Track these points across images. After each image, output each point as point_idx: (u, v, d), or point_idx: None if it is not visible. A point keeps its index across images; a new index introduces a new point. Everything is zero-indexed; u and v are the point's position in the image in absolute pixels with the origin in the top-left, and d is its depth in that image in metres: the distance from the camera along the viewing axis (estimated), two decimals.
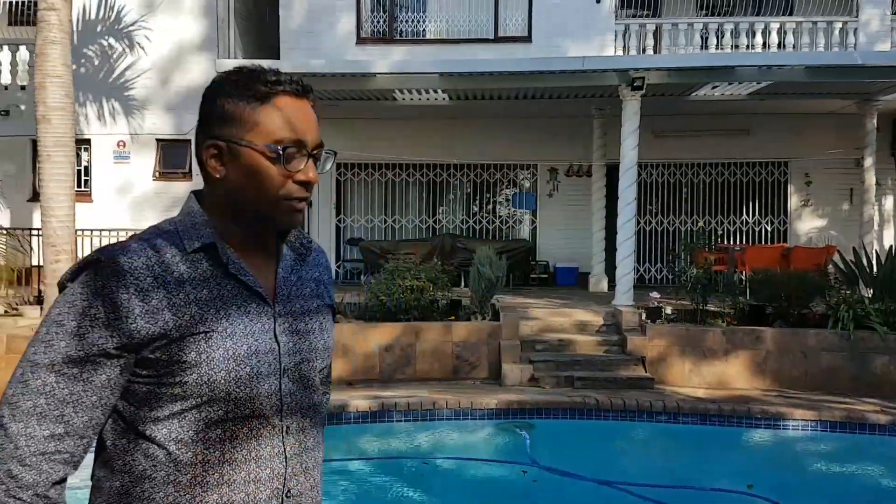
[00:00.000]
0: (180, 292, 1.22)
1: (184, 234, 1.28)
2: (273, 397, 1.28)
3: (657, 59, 10.64)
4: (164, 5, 12.33)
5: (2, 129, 12.17)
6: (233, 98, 1.28)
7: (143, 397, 1.22)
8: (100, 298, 1.18)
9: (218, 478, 1.23)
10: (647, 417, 7.34)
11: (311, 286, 1.42)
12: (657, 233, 13.33)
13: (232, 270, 1.28)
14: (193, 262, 1.26)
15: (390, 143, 12.92)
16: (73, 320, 1.18)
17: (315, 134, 1.31)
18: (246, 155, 1.27)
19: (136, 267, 1.21)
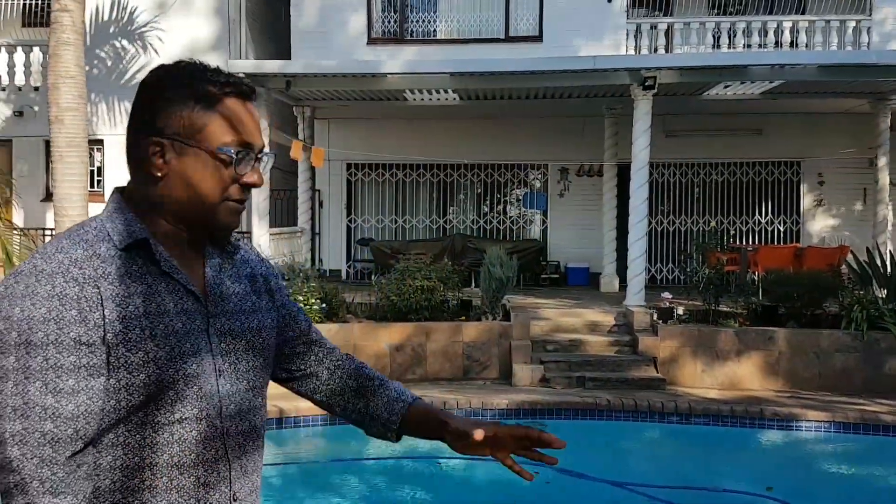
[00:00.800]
0: (121, 284, 1.19)
1: (113, 231, 1.23)
2: (214, 398, 1.26)
3: (669, 59, 10.60)
4: (176, 6, 12.39)
5: (16, 130, 12.26)
6: (179, 96, 1.25)
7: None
8: (54, 300, 1.13)
9: (167, 482, 1.21)
10: (659, 418, 7.32)
11: (244, 284, 1.39)
12: (669, 233, 13.28)
13: (165, 268, 1.24)
14: (126, 259, 1.22)
15: (400, 144, 12.93)
16: (38, 331, 1.12)
17: (260, 136, 1.31)
18: (193, 155, 1.24)
19: (76, 259, 1.17)
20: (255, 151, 1.29)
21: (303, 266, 10.25)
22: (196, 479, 1.23)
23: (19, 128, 12.32)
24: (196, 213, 1.27)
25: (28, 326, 1.12)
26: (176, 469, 1.22)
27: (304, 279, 9.29)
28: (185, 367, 1.22)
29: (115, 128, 12.37)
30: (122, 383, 1.17)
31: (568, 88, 10.44)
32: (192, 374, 1.22)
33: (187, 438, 1.22)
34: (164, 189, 1.26)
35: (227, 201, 1.27)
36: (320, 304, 8.91)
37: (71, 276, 1.15)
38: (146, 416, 1.19)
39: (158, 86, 1.27)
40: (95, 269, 1.18)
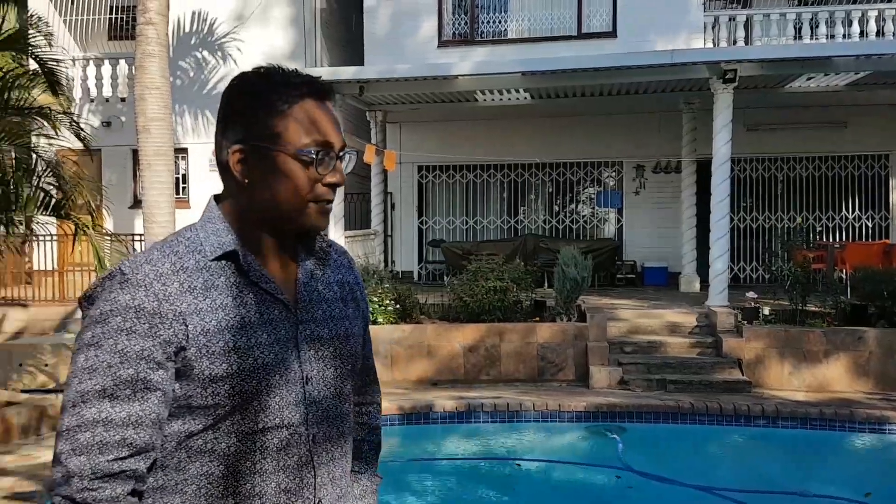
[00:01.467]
0: (206, 298, 1.21)
1: (205, 240, 1.26)
2: (300, 406, 1.27)
3: (749, 51, 10.27)
4: (254, 17, 12.73)
5: (104, 140, 12.80)
6: (258, 101, 1.27)
7: (176, 411, 1.21)
8: (131, 310, 1.16)
9: (249, 489, 1.22)
10: (745, 422, 7.10)
11: (335, 290, 1.40)
12: (751, 230, 12.87)
13: (253, 278, 1.26)
14: (216, 270, 1.24)
15: (471, 145, 12.94)
16: (109, 338, 1.16)
17: (339, 135, 1.31)
18: (275, 159, 1.25)
19: (161, 274, 1.20)
20: (336, 150, 1.29)
21: (376, 268, 10.38)
22: (277, 486, 1.24)
23: (108, 138, 12.86)
24: (283, 216, 1.28)
25: (101, 331, 1.16)
26: (258, 476, 1.23)
27: (378, 281, 9.40)
28: (268, 378, 1.23)
29: (198, 137, 12.79)
30: (208, 393, 1.20)
31: (644, 84, 10.26)
32: (275, 383, 1.24)
33: (270, 446, 1.24)
34: (251, 194, 1.28)
35: (314, 202, 1.28)
36: (394, 305, 9.00)
37: (152, 291, 1.18)
38: (232, 425, 1.22)
39: (238, 93, 1.30)
40: (181, 284, 1.21)
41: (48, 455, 5.73)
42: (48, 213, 6.70)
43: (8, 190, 6.47)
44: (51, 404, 6.73)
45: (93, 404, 1.15)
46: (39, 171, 6.61)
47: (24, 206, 6.38)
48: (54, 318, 10.75)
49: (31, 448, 5.99)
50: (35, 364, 8.51)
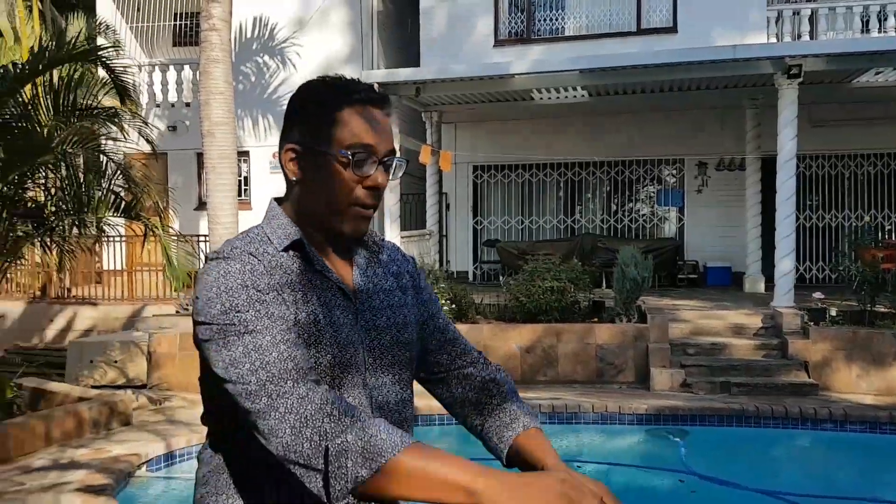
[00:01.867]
0: (284, 284, 1.26)
1: (272, 234, 1.32)
2: (364, 392, 1.31)
3: (815, 45, 9.99)
4: (313, 22, 12.92)
5: (170, 144, 13.17)
6: (313, 106, 1.33)
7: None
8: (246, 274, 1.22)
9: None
10: (812, 425, 6.90)
11: (391, 280, 1.44)
12: (818, 229, 12.49)
13: (317, 267, 1.32)
14: (286, 260, 1.30)
15: (527, 144, 12.88)
16: (240, 296, 1.19)
17: (386, 141, 1.33)
18: (320, 159, 1.31)
19: (251, 252, 1.26)
20: (379, 154, 1.31)
21: (431, 268, 10.41)
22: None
23: (173, 141, 13.23)
24: (326, 216, 1.33)
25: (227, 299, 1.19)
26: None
27: (433, 280, 9.43)
28: (342, 355, 1.28)
29: (259, 140, 13.06)
30: None
31: (706, 80, 10.06)
32: (343, 368, 1.28)
33: None
34: (301, 193, 1.35)
35: (354, 206, 1.31)
36: (450, 304, 9.02)
37: (256, 268, 1.24)
38: None
39: (299, 98, 1.37)
40: (264, 267, 1.26)
41: (119, 449, 5.93)
42: (119, 215, 6.92)
43: (80, 192, 6.70)
44: (120, 400, 6.96)
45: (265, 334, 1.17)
46: (110, 173, 6.83)
47: (95, 207, 6.60)
48: (123, 317, 11.10)
49: (102, 442, 6.20)
50: (105, 361, 8.80)
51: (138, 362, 8.77)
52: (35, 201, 7.12)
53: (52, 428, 6.12)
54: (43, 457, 5.76)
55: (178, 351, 8.46)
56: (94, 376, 8.72)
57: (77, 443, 6.15)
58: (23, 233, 6.56)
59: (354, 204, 1.31)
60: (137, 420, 6.99)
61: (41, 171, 6.43)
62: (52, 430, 6.10)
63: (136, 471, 5.69)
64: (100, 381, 8.65)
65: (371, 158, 1.30)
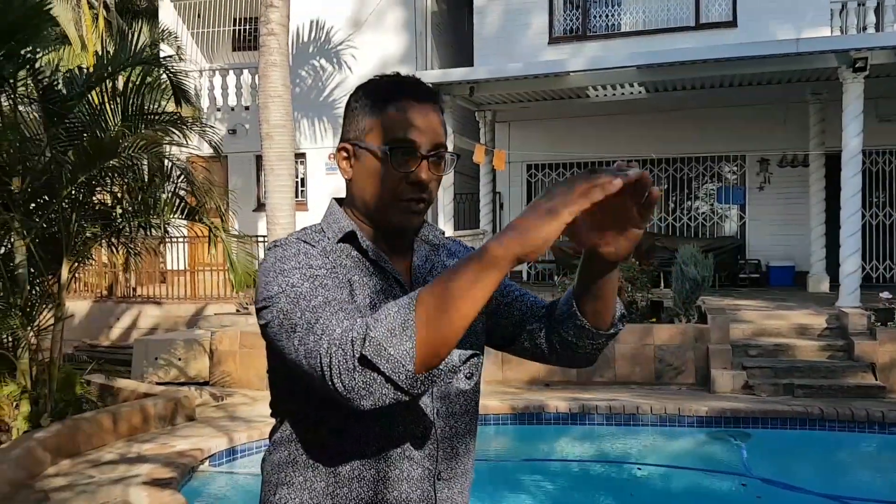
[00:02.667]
0: (339, 268, 1.29)
1: (327, 228, 1.35)
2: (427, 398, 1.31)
3: (881, 38, 9.61)
4: (368, 23, 13.05)
5: (230, 147, 13.47)
6: (361, 104, 1.35)
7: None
8: (302, 256, 1.24)
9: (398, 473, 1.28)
10: (879, 429, 6.67)
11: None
12: (885, 226, 12.05)
13: (372, 256, 1.33)
14: (341, 252, 1.32)
15: (581, 142, 12.77)
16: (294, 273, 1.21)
17: (431, 135, 1.31)
18: (364, 156, 1.32)
19: (306, 247, 1.27)
20: (422, 149, 1.30)
21: None
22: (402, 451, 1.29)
23: (233, 144, 13.53)
24: (374, 212, 1.34)
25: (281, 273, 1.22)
26: (406, 461, 1.29)
27: None
28: None
29: (315, 142, 13.26)
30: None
31: (767, 74, 9.80)
32: None
33: (414, 433, 1.29)
34: (354, 190, 1.37)
35: (400, 201, 1.31)
36: None
37: (310, 251, 1.26)
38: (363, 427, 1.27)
39: (353, 98, 1.39)
40: (319, 258, 1.27)
41: (183, 444, 6.10)
42: (182, 217, 7.12)
43: (145, 195, 6.91)
44: (185, 396, 7.15)
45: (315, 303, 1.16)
46: (174, 177, 7.03)
47: (161, 210, 6.80)
48: (185, 315, 11.40)
49: (167, 437, 6.38)
50: (168, 358, 9.05)
51: (200, 360, 9.00)
52: (103, 204, 7.37)
53: (120, 423, 6.33)
54: (111, 450, 5.95)
55: (238, 348, 8.65)
56: (158, 373, 8.98)
57: (143, 437, 6.34)
58: (91, 234, 6.79)
59: (400, 199, 1.31)
60: (200, 416, 7.18)
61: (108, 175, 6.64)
62: (119, 424, 6.31)
63: (199, 465, 5.83)
64: (164, 378, 8.91)
65: (413, 153, 1.30)
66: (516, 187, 13.64)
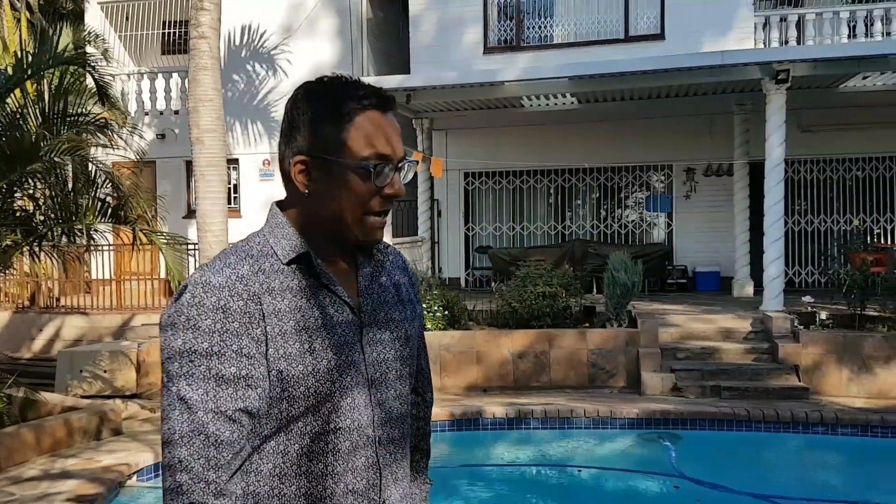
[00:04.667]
0: (284, 299, 1.23)
1: (276, 245, 1.27)
2: (368, 409, 1.28)
3: (803, 51, 10.07)
4: (302, 29, 12.93)
5: (159, 152, 13.13)
6: (321, 112, 1.27)
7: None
8: (219, 312, 1.18)
9: (321, 490, 1.24)
10: (803, 429, 6.94)
11: (392, 292, 1.40)
12: (807, 233, 12.56)
13: (324, 281, 1.27)
14: (289, 273, 1.26)
15: (517, 151, 12.91)
16: (204, 342, 1.17)
17: (399, 146, 1.30)
18: (336, 171, 1.26)
19: (242, 275, 1.21)
20: (395, 162, 1.28)
21: (424, 274, 10.41)
22: (345, 486, 1.26)
23: (162, 150, 13.20)
24: (340, 227, 1.28)
25: (193, 336, 1.17)
26: (329, 477, 1.25)
27: (426, 287, 9.43)
28: (341, 379, 1.25)
29: (249, 147, 13.04)
30: (284, 395, 1.21)
31: (694, 86, 10.12)
32: (347, 385, 1.26)
33: (341, 448, 1.25)
34: (312, 204, 1.29)
35: (369, 215, 1.28)
36: (443, 311, 9.02)
37: (236, 291, 1.20)
38: (305, 426, 1.23)
39: (303, 103, 1.30)
40: (260, 285, 1.22)
41: (109, 459, 5.89)
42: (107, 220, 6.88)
43: (68, 200, 6.67)
44: (111, 409, 6.91)
45: (199, 406, 1.16)
46: (98, 181, 6.81)
47: (83, 215, 6.57)
48: (111, 326, 11.03)
49: (92, 452, 6.16)
50: (94, 370, 8.74)
51: (127, 372, 8.72)
52: (24, 210, 7.08)
53: (43, 438, 6.08)
54: (33, 467, 5.71)
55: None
56: (83, 386, 8.66)
57: (67, 453, 6.10)
58: (12, 242, 6.52)
59: (369, 213, 1.28)
60: (128, 429, 6.95)
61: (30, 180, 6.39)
62: (42, 439, 6.06)
63: (126, 480, 5.65)
64: (89, 391, 8.60)
65: (389, 168, 1.27)
66: (454, 195, 13.70)
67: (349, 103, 1.27)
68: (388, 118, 1.30)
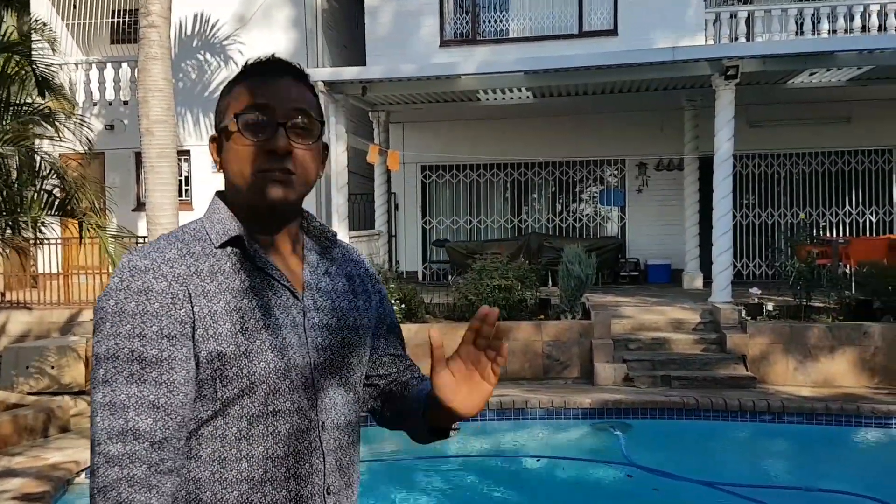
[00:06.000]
0: (213, 281, 1.23)
1: (210, 229, 1.28)
2: (308, 391, 1.27)
3: (751, 47, 10.27)
4: (255, 19, 12.75)
5: (107, 143, 12.83)
6: (225, 91, 1.32)
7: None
8: (142, 294, 1.17)
9: (262, 473, 1.23)
10: (751, 417, 7.11)
11: (343, 282, 1.41)
12: (754, 226, 12.87)
13: (259, 264, 1.27)
14: (222, 257, 1.26)
15: (474, 144, 12.96)
16: (126, 324, 1.16)
17: (287, 102, 1.26)
18: (223, 136, 1.28)
19: (168, 258, 1.21)
20: (276, 116, 1.25)
21: (381, 268, 10.39)
22: (287, 470, 1.24)
23: (111, 141, 12.91)
24: (240, 193, 1.28)
25: (119, 318, 1.17)
26: (270, 461, 1.23)
27: (383, 280, 9.41)
28: (276, 361, 1.23)
29: (201, 139, 12.81)
30: (217, 374, 1.20)
31: (646, 81, 10.25)
32: (283, 367, 1.24)
33: (281, 431, 1.24)
34: (225, 177, 1.30)
35: (259, 172, 1.25)
36: (400, 304, 9.01)
37: (160, 274, 1.20)
38: (242, 408, 1.21)
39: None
40: (188, 267, 1.22)
41: (57, 456, 5.76)
42: (54, 213, 6.72)
43: (12, 192, 6.49)
44: (58, 406, 6.76)
45: (122, 391, 1.14)
46: (43, 172, 6.63)
47: (28, 207, 6.40)
48: (59, 321, 10.77)
49: (39, 450, 6.02)
50: (41, 366, 8.53)
51: (75, 367, 8.52)
52: None
53: None
54: None
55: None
56: (29, 382, 8.44)
57: (13, 451, 5.96)
58: None
59: (259, 171, 1.24)
60: (76, 426, 6.80)
61: None
62: None
63: (74, 478, 5.53)
64: (35, 387, 8.39)
65: (266, 121, 1.24)
66: (411, 188, 13.69)
67: (241, 74, 1.30)
68: (276, 79, 1.28)
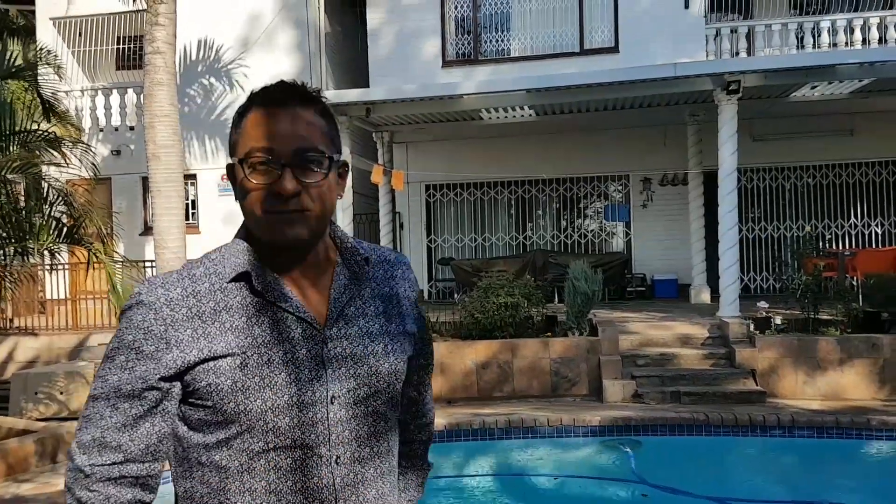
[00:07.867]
0: (215, 321, 1.23)
1: (225, 262, 1.27)
2: (318, 426, 1.23)
3: (753, 62, 10.31)
4: (259, 43, 12.87)
5: (114, 168, 12.92)
6: (236, 119, 1.31)
7: (195, 424, 1.24)
8: (140, 332, 1.22)
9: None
10: (761, 432, 7.06)
11: (377, 304, 1.35)
12: (760, 240, 12.85)
13: (270, 298, 1.25)
14: (232, 291, 1.25)
15: (478, 163, 13.01)
16: (121, 354, 1.23)
17: (291, 140, 1.23)
18: (235, 173, 1.27)
19: (171, 299, 1.23)
20: (281, 156, 1.22)
21: None
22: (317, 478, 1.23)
23: (117, 166, 13.00)
24: (254, 229, 1.27)
25: (118, 345, 1.24)
26: (274, 496, 1.22)
27: None
28: (275, 398, 1.22)
29: (207, 162, 12.90)
30: (217, 410, 1.21)
31: (648, 97, 10.29)
32: (287, 404, 1.22)
33: (283, 466, 1.22)
34: (242, 211, 1.28)
35: (268, 213, 1.23)
36: None
37: (161, 316, 1.22)
38: (243, 443, 1.22)
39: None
40: (189, 309, 1.23)
41: None
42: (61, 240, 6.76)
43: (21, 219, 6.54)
44: (67, 432, 6.75)
45: (97, 408, 1.24)
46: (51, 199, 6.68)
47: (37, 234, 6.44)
48: (67, 347, 10.80)
49: (49, 476, 6.01)
50: (49, 392, 8.54)
51: (84, 392, 8.53)
52: None
53: None
54: None
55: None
56: (38, 408, 8.46)
57: (23, 477, 5.95)
58: None
59: (267, 212, 1.23)
60: None
61: None
62: None
63: None
64: (45, 413, 8.40)
65: (270, 163, 1.22)
66: (415, 207, 13.73)
67: (247, 105, 1.29)
68: (280, 111, 1.25)
